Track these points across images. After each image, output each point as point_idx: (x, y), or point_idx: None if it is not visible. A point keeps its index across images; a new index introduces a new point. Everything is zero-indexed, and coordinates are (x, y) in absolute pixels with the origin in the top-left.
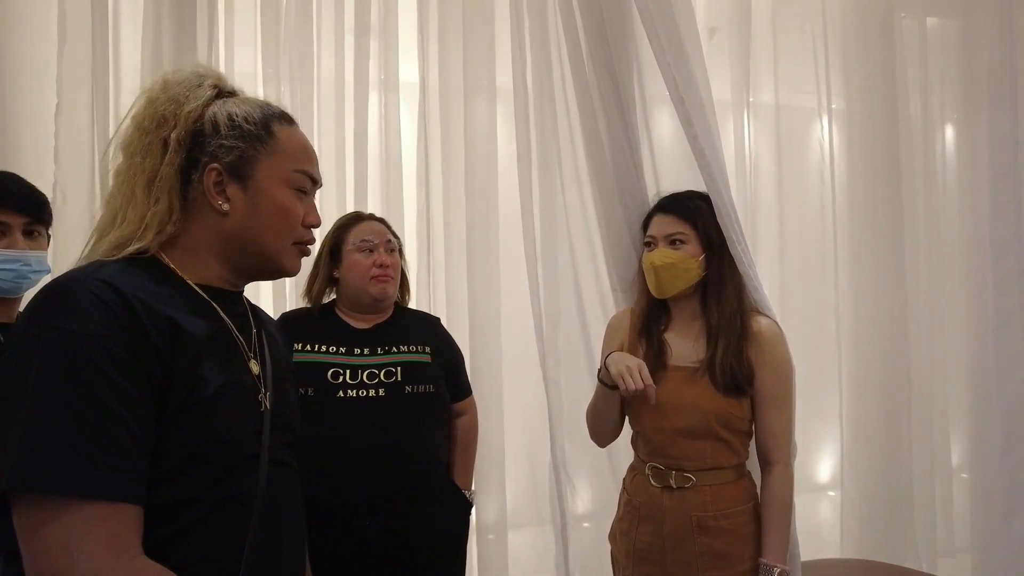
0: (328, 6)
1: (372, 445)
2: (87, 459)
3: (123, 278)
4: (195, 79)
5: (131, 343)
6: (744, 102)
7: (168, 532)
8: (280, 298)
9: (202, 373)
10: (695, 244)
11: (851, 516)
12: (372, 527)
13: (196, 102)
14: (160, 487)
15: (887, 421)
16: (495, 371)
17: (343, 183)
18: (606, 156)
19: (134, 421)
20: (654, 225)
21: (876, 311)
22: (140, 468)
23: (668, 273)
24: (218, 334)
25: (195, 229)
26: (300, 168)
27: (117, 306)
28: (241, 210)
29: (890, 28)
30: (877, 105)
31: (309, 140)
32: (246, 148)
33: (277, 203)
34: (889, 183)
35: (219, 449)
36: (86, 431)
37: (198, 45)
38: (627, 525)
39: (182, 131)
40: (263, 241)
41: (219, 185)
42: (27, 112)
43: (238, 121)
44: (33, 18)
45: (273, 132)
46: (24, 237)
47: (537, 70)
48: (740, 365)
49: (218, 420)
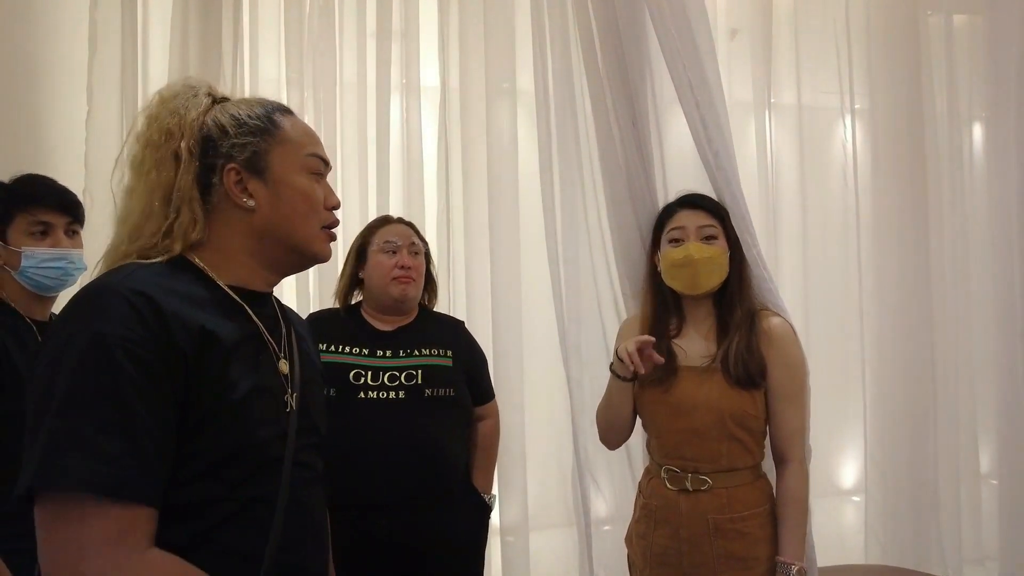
0: (350, 11)
1: (391, 447)
2: (105, 459)
3: (156, 282)
4: (189, 90)
5: (158, 348)
6: (766, 103)
7: (194, 531)
8: (304, 298)
9: (232, 378)
10: (723, 241)
11: (876, 521)
12: (389, 528)
13: (197, 110)
14: (187, 487)
15: (912, 425)
16: (517, 373)
17: (365, 186)
18: (619, 160)
19: (156, 424)
20: (682, 219)
21: (901, 313)
22: (158, 470)
23: (707, 267)
24: (248, 337)
25: (223, 233)
26: (311, 152)
27: (147, 311)
28: (266, 203)
29: (915, 26)
30: (902, 104)
31: (316, 132)
32: (258, 143)
33: (299, 189)
34: (914, 183)
35: (246, 452)
36: (107, 432)
37: (223, 52)
38: (643, 528)
39: (191, 140)
40: (293, 228)
41: (240, 183)
42: (59, 118)
43: (243, 119)
44: (64, 27)
45: (278, 123)
46: (65, 236)
47: (557, 75)
48: (752, 357)
49: (246, 424)
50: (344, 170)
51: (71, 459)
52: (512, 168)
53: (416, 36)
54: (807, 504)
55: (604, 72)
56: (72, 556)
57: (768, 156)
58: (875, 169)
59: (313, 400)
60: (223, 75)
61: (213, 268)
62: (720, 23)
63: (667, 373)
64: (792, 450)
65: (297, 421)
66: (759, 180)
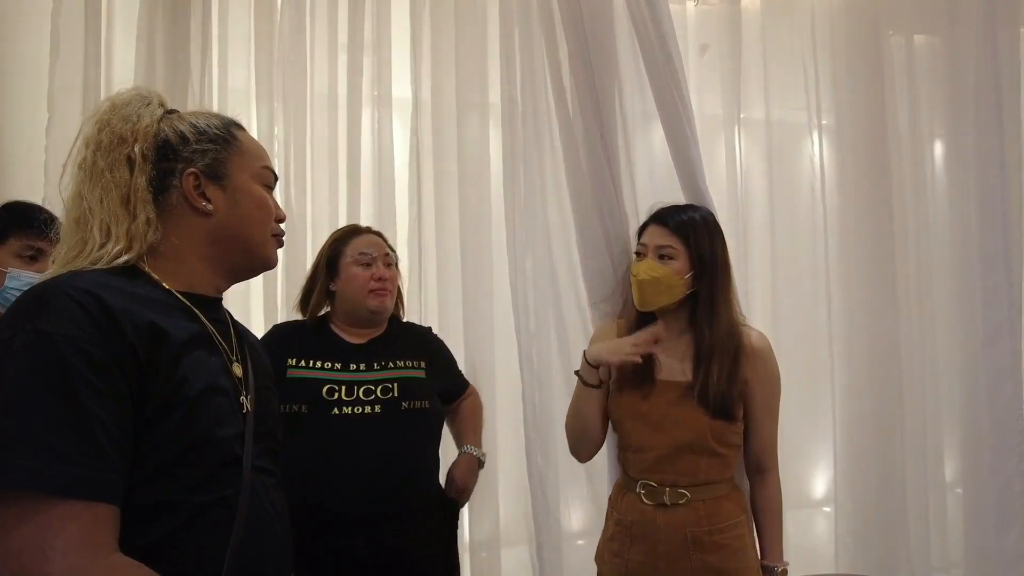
0: (322, 23)
1: (368, 463)
2: (62, 457)
3: (103, 282)
4: (142, 100)
5: (107, 343)
6: (735, 118)
7: (153, 538)
8: (271, 307)
9: (184, 373)
10: (683, 260)
11: (846, 532)
12: (366, 545)
13: (151, 118)
14: (144, 488)
15: (881, 436)
16: (488, 387)
17: (336, 198)
18: (584, 172)
19: (110, 420)
20: (647, 235)
21: (868, 326)
22: (116, 467)
23: (651, 288)
24: (199, 337)
25: (176, 236)
26: (264, 164)
27: (93, 308)
28: (223, 209)
29: (878, 45)
30: (866, 121)
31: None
32: (218, 151)
33: (255, 197)
34: (879, 199)
35: (203, 450)
36: (61, 430)
37: (191, 62)
38: (618, 546)
39: (144, 145)
40: (248, 234)
41: (198, 188)
42: (19, 126)
43: (203, 128)
44: (26, 33)
45: (235, 135)
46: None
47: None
48: (732, 389)
49: (202, 421)
50: (314, 182)
51: (21, 457)
52: (483, 180)
53: (388, 48)
54: (782, 509)
55: (571, 85)
56: (34, 559)
57: (738, 170)
58: (842, 184)
59: (268, 406)
60: (191, 85)
61: (163, 275)
62: (690, 39)
63: (644, 381)
64: (770, 460)
65: (254, 425)
66: (728, 194)
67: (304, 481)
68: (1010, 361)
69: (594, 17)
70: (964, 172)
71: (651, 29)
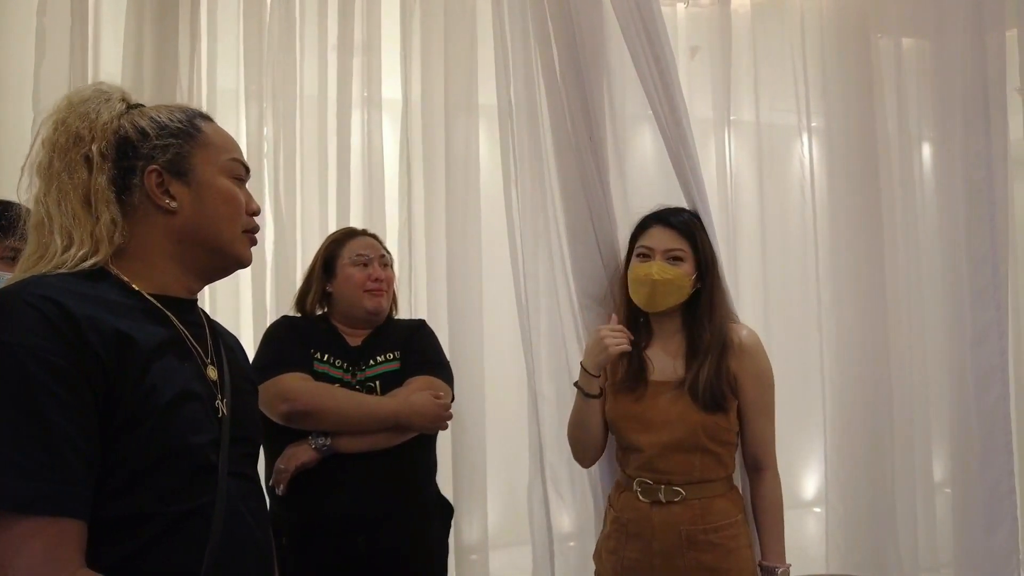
0: (311, 24)
1: (367, 462)
2: (23, 472)
3: (66, 288)
4: (101, 95)
5: (71, 354)
6: (725, 120)
7: (126, 551)
8: (260, 308)
9: (154, 381)
10: (691, 263)
11: (836, 532)
12: (365, 544)
13: (110, 114)
14: (116, 500)
15: (870, 437)
16: (477, 389)
17: (325, 199)
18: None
19: (76, 433)
20: (652, 237)
21: (858, 326)
22: (82, 481)
23: (664, 288)
24: (170, 342)
25: (143, 236)
26: (233, 156)
27: (56, 317)
28: (189, 205)
29: (867, 48)
30: (855, 124)
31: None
32: (180, 145)
33: (222, 192)
34: (868, 200)
35: (176, 459)
36: (22, 443)
37: (180, 61)
38: (614, 543)
39: (102, 143)
40: (216, 231)
41: (161, 185)
42: (3, 126)
43: (164, 122)
44: (11, 34)
45: (199, 127)
46: None
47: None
48: (720, 381)
49: (174, 429)
50: (304, 182)
51: None
52: (473, 182)
53: (378, 49)
54: (782, 508)
55: (563, 87)
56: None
57: (728, 172)
58: (831, 186)
59: (246, 410)
60: (179, 86)
61: (133, 277)
62: (680, 41)
63: (637, 383)
64: (767, 458)
65: (231, 429)
66: (719, 195)
67: (305, 481)
68: (998, 361)
69: (583, 18)
70: (952, 173)
71: (642, 31)
